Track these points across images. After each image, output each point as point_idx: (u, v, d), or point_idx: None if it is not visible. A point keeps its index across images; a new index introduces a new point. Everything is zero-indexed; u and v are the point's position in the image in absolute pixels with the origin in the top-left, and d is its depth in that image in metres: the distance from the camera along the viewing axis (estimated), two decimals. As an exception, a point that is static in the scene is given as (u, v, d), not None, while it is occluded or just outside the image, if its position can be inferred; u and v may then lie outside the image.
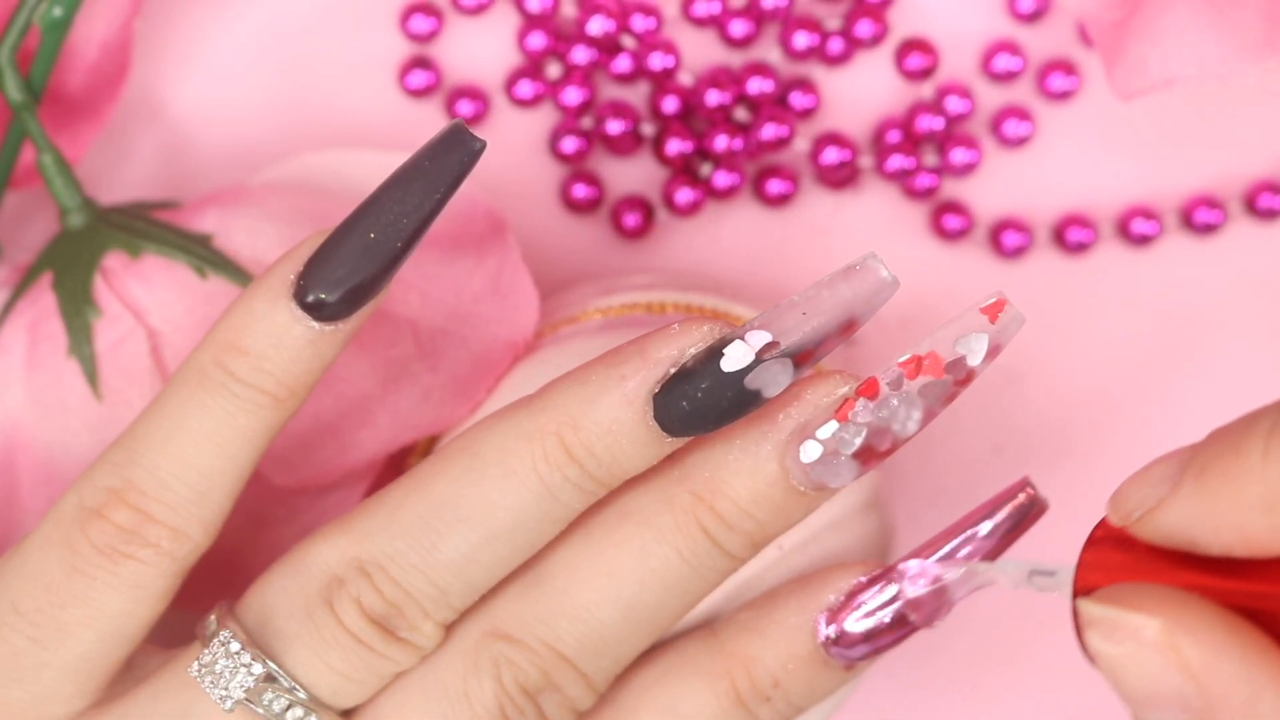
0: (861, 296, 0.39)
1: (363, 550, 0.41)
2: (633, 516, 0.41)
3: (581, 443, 0.40)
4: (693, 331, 0.40)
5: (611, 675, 0.42)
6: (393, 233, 0.40)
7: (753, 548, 0.41)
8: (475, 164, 0.40)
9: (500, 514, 0.40)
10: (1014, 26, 0.53)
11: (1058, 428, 0.54)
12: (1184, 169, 0.53)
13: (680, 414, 0.40)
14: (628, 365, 0.40)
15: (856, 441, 0.40)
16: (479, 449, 0.41)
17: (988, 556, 0.41)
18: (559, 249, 0.53)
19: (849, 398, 0.40)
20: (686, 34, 0.52)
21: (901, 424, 0.40)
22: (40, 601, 0.41)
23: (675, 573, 0.41)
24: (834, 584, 0.42)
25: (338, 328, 0.41)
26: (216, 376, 0.41)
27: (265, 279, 0.41)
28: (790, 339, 0.39)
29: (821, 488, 0.40)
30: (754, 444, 0.40)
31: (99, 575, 0.41)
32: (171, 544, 0.41)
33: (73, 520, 0.41)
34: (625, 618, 0.41)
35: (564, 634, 0.41)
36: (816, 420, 0.40)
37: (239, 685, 0.41)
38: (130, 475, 0.41)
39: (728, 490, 0.40)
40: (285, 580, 0.42)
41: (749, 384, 0.39)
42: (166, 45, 0.52)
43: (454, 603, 0.41)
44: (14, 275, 0.48)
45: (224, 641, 0.41)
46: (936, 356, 0.39)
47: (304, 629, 0.41)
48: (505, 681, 0.41)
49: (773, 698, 0.42)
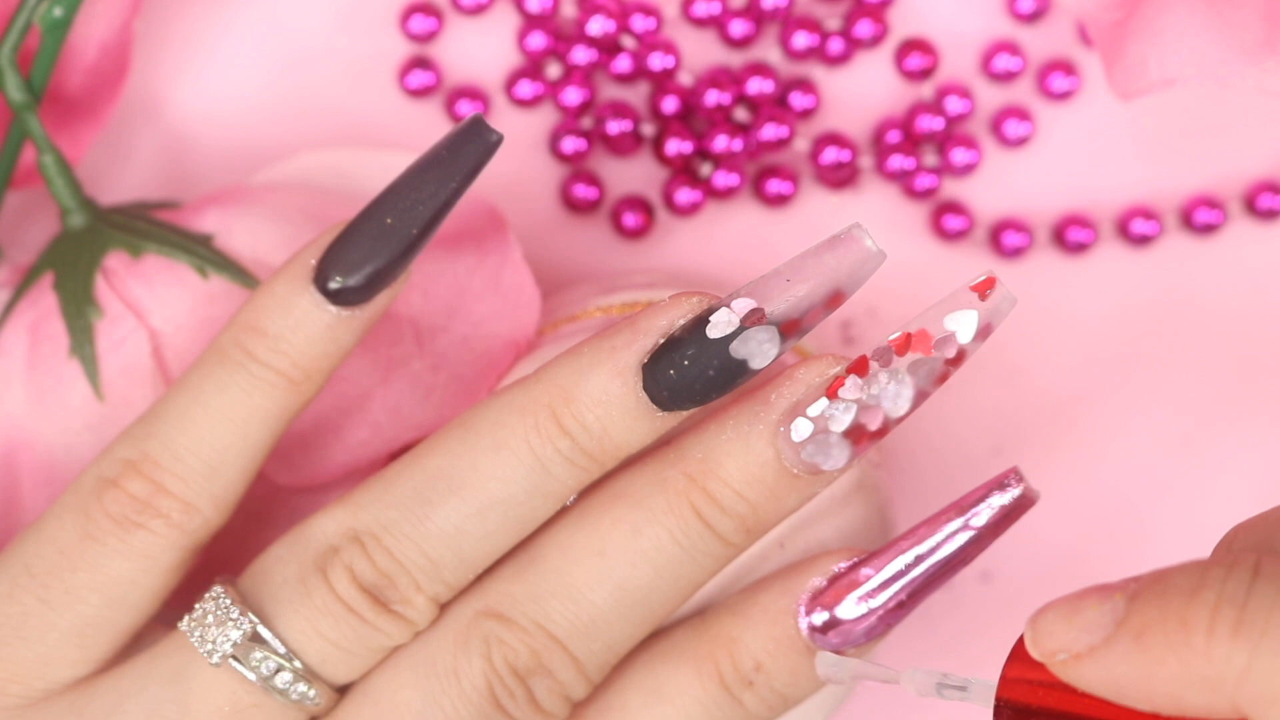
0: (846, 266, 0.40)
1: (358, 520, 0.42)
2: (626, 497, 0.41)
3: (573, 414, 0.41)
4: (682, 303, 0.41)
5: (605, 663, 0.42)
6: (409, 219, 0.41)
7: (746, 533, 0.41)
8: (492, 155, 0.41)
9: (492, 485, 0.41)
10: (1014, 26, 0.53)
11: (1058, 427, 0.54)
12: (1184, 169, 0.53)
13: (668, 383, 0.40)
14: (619, 338, 0.41)
15: (847, 419, 0.40)
16: (474, 423, 0.41)
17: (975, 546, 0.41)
18: (559, 249, 0.53)
19: (840, 377, 0.40)
20: (686, 34, 0.52)
21: (892, 401, 0.40)
22: (51, 564, 0.42)
23: (667, 554, 0.41)
24: (818, 569, 0.42)
25: (355, 314, 0.42)
26: (235, 356, 0.42)
27: (288, 265, 0.42)
28: (774, 305, 0.40)
29: (814, 470, 0.40)
30: (746, 425, 0.41)
31: (109, 542, 0.42)
32: (182, 516, 0.42)
33: (90, 489, 0.42)
34: (616, 599, 0.41)
35: (554, 613, 0.41)
36: (807, 399, 0.40)
37: (225, 638, 0.41)
38: (147, 448, 0.42)
39: (720, 471, 0.41)
40: (283, 550, 0.42)
41: (734, 352, 0.40)
42: (166, 45, 0.52)
43: (446, 577, 0.41)
44: (15, 276, 0.48)
45: (215, 596, 0.42)
46: (925, 333, 0.40)
47: (296, 594, 0.42)
48: (495, 660, 0.41)
49: (756, 682, 0.42)
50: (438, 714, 0.41)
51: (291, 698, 0.41)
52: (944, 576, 0.42)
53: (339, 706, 0.42)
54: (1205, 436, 0.54)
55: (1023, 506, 0.41)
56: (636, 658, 0.43)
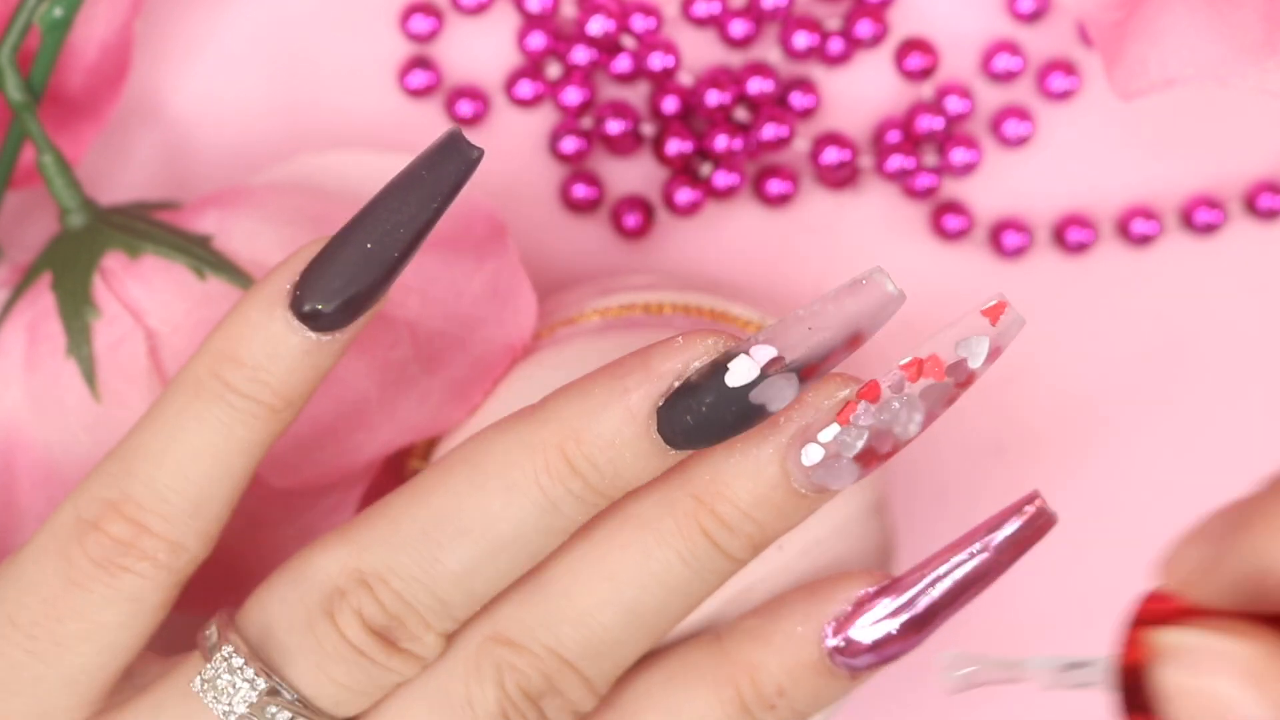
0: (867, 311, 0.39)
1: (364, 562, 0.41)
2: (634, 520, 0.41)
3: (584, 455, 0.40)
4: (697, 345, 0.40)
5: (613, 678, 0.42)
6: (390, 243, 0.40)
7: (753, 550, 0.41)
8: (472, 173, 0.40)
9: (502, 526, 0.40)
10: (1014, 26, 0.53)
11: (1059, 428, 0.54)
12: (1184, 169, 0.53)
13: (684, 428, 0.39)
14: (631, 378, 0.40)
15: (858, 444, 0.40)
16: (480, 460, 0.41)
17: (995, 569, 0.41)
18: (559, 249, 0.53)
19: (850, 400, 0.40)
20: (686, 34, 0.52)
21: (903, 426, 0.40)
22: (36, 615, 0.41)
23: (676, 575, 0.41)
24: (842, 593, 0.42)
25: (334, 337, 0.41)
26: (213, 387, 0.41)
27: (260, 288, 0.41)
28: (795, 354, 0.39)
29: (822, 490, 0.40)
30: (755, 447, 0.40)
31: (95, 589, 0.41)
32: (169, 557, 0.41)
33: (69, 532, 0.41)
34: (626, 621, 0.41)
35: (566, 638, 0.41)
36: (818, 423, 0.40)
37: (242, 700, 0.41)
38: (126, 487, 0.41)
39: (728, 493, 0.40)
40: (286, 590, 0.41)
41: (754, 399, 0.39)
42: (166, 45, 0.52)
43: (456, 613, 0.41)
44: (13, 275, 0.48)
45: (226, 657, 0.41)
46: (937, 359, 0.39)
47: (306, 641, 0.41)
48: (507, 686, 0.41)
49: (777, 706, 0.42)
50: None
51: None
52: (964, 599, 0.41)
53: None
54: (1205, 436, 0.53)
55: (1042, 530, 0.41)
56: (654, 679, 0.43)
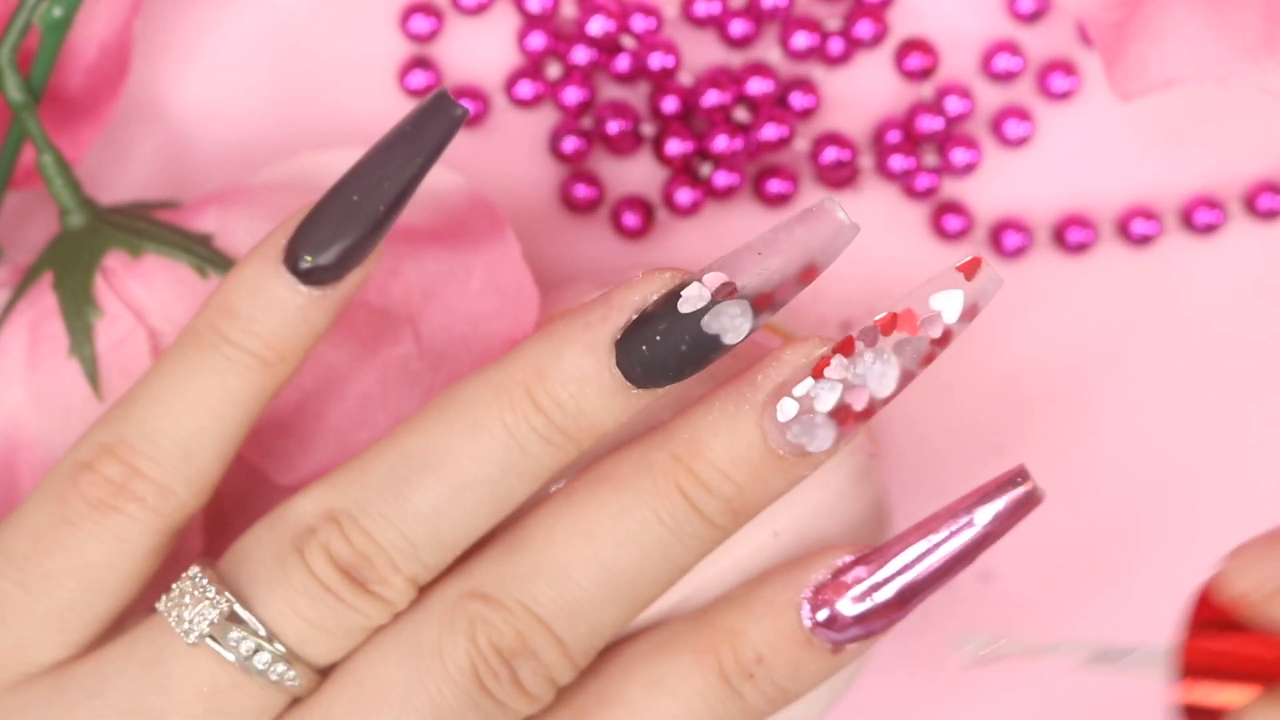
0: (819, 239, 0.40)
1: (335, 500, 0.42)
2: (612, 479, 0.42)
3: (547, 392, 0.41)
4: (655, 279, 0.41)
5: (590, 647, 0.42)
6: (375, 196, 0.41)
7: (733, 515, 0.41)
8: (457, 130, 0.41)
9: (467, 464, 0.41)
10: (1014, 26, 0.53)
11: (1058, 427, 0.54)
12: (1184, 169, 0.53)
13: (640, 359, 0.40)
14: (592, 314, 0.41)
15: (832, 398, 0.40)
16: (450, 403, 0.42)
17: (980, 544, 0.41)
18: (559, 249, 0.53)
19: (826, 357, 0.40)
20: (686, 34, 0.52)
21: (878, 381, 0.40)
22: (28, 549, 0.42)
23: (653, 536, 0.41)
24: (822, 563, 0.42)
25: (326, 294, 0.42)
26: (209, 338, 0.42)
27: (258, 247, 0.42)
28: (746, 280, 0.40)
29: (800, 451, 0.41)
30: (733, 406, 0.41)
31: (85, 526, 0.42)
32: (157, 499, 0.42)
33: (67, 474, 0.42)
34: (602, 580, 0.41)
35: (540, 594, 0.41)
36: (794, 380, 0.40)
37: (202, 618, 0.41)
38: (122, 431, 0.42)
39: (706, 452, 0.41)
40: (262, 530, 0.42)
41: (707, 327, 0.40)
42: (166, 45, 0.52)
43: (424, 557, 0.41)
44: (14, 275, 0.48)
45: (191, 576, 0.42)
46: (911, 312, 0.40)
47: (273, 574, 0.42)
48: (479, 641, 0.41)
49: (756, 675, 0.42)
50: (421, 695, 0.41)
51: (271, 679, 0.41)
52: (947, 574, 0.42)
53: (321, 687, 0.42)
54: (1205, 436, 0.54)
55: (1028, 505, 0.41)
56: (637, 649, 0.43)
